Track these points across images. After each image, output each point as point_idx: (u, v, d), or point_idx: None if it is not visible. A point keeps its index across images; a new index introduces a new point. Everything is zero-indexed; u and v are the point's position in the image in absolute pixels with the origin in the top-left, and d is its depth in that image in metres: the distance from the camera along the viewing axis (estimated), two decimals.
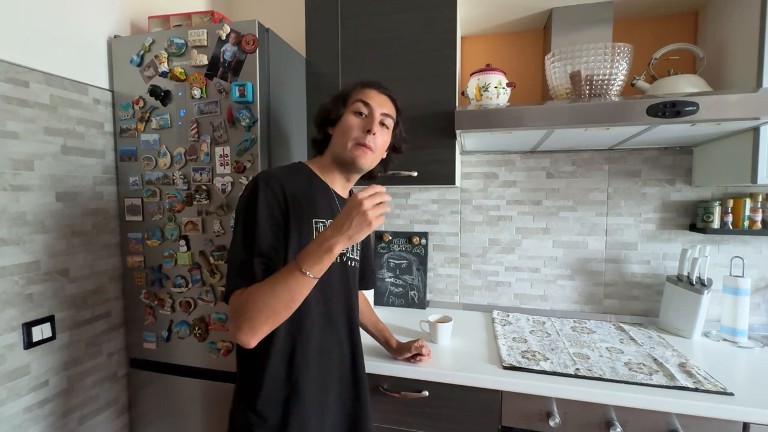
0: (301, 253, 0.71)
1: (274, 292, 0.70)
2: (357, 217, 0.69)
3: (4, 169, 1.05)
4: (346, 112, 0.87)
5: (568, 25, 1.33)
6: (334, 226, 0.71)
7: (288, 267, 0.72)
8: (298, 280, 0.70)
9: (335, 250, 0.70)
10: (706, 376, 1.01)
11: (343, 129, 0.87)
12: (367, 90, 0.89)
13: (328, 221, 0.84)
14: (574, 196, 1.51)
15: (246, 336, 0.71)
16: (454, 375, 1.06)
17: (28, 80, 1.10)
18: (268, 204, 0.76)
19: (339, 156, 0.88)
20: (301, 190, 0.82)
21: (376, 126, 0.85)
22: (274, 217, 0.77)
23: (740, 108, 0.94)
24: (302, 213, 0.80)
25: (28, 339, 1.10)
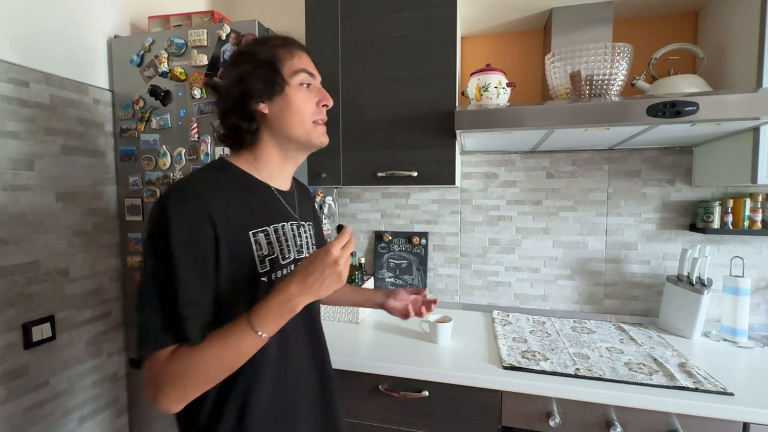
0: (257, 313, 0.59)
1: (219, 358, 0.58)
2: (331, 276, 0.61)
3: (4, 169, 1.05)
4: (289, 87, 0.72)
5: (568, 25, 1.33)
6: (301, 282, 0.60)
7: (238, 329, 0.59)
8: (251, 342, 0.59)
9: (299, 309, 0.61)
10: (706, 376, 1.01)
11: (293, 109, 0.72)
12: (301, 52, 0.75)
13: (271, 227, 0.71)
14: (574, 196, 1.51)
15: (174, 405, 0.59)
16: (454, 375, 1.06)
17: (28, 80, 1.10)
18: (186, 232, 0.59)
19: (292, 141, 0.74)
20: (229, 198, 0.66)
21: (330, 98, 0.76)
22: (196, 248, 0.60)
23: (740, 108, 0.94)
24: (234, 228, 0.65)
25: (28, 339, 1.10)
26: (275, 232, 0.72)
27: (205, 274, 0.61)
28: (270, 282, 0.68)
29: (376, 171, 1.32)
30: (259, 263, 0.67)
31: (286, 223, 0.76)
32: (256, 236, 0.68)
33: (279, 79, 0.71)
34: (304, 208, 0.85)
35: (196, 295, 0.60)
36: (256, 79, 0.70)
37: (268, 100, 0.71)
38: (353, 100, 1.34)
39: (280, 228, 0.74)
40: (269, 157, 0.75)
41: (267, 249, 0.69)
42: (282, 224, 0.75)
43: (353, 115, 1.35)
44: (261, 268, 0.67)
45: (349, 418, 1.15)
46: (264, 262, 0.68)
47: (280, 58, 0.72)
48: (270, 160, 0.75)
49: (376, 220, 1.71)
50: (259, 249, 0.68)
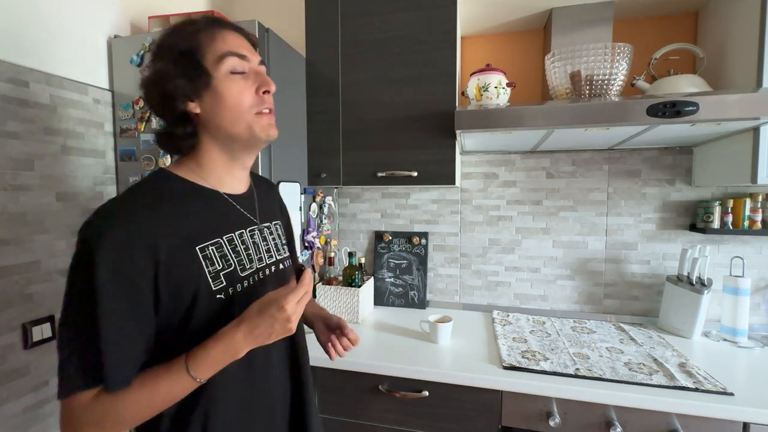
0: (196, 359, 0.55)
1: (149, 403, 0.54)
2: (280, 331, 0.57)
3: (4, 169, 1.05)
4: (215, 78, 0.61)
5: (568, 25, 1.33)
6: (247, 332, 0.56)
7: (173, 373, 0.55)
8: (186, 386, 0.56)
9: (242, 354, 0.57)
10: (706, 376, 1.01)
11: (226, 103, 0.62)
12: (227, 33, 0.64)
13: (224, 237, 0.64)
14: (574, 196, 1.51)
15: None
16: (454, 375, 1.06)
17: (28, 80, 1.10)
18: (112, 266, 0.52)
19: (234, 139, 0.64)
20: (170, 215, 0.59)
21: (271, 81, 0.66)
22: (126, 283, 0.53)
23: (740, 108, 0.94)
24: (178, 247, 0.58)
25: (28, 339, 1.09)
26: (230, 243, 0.65)
27: (138, 311, 0.55)
28: (232, 297, 0.63)
29: (376, 171, 1.32)
30: (212, 280, 0.60)
31: (244, 231, 0.68)
32: (205, 251, 0.61)
33: (201, 71, 0.60)
34: (267, 208, 0.77)
35: (121, 337, 0.53)
36: (174, 77, 0.59)
37: (196, 98, 0.61)
38: (353, 100, 1.34)
39: (236, 237, 0.66)
40: (213, 161, 0.66)
41: (221, 263, 0.62)
42: (239, 232, 0.67)
43: (353, 115, 1.35)
44: (215, 285, 0.61)
45: (349, 417, 1.15)
46: (218, 277, 0.61)
47: (200, 44, 0.61)
48: (215, 164, 0.66)
49: (376, 220, 1.71)
50: (211, 264, 0.61)
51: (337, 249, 1.65)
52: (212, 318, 0.60)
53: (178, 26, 0.63)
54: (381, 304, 1.66)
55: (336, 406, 1.16)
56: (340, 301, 1.44)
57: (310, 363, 0.81)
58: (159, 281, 0.56)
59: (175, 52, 0.60)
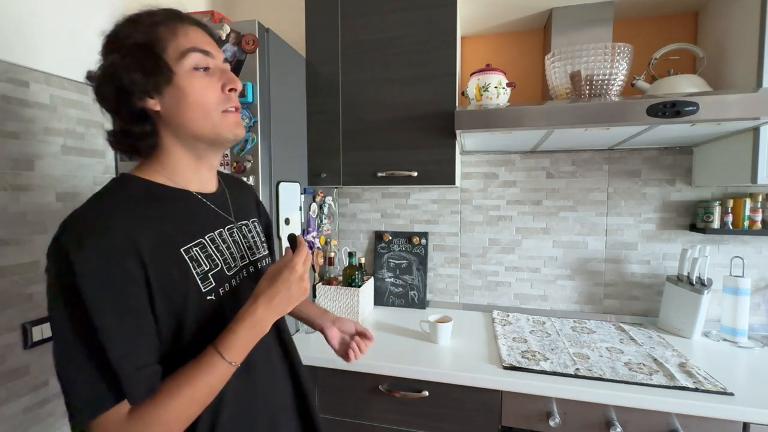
0: (226, 344, 0.55)
1: (192, 400, 0.53)
2: (297, 291, 0.58)
3: (4, 169, 1.05)
4: (177, 75, 0.57)
5: (568, 25, 1.33)
6: (267, 303, 0.57)
7: (208, 364, 0.54)
8: (224, 373, 0.55)
9: (268, 329, 0.58)
10: (706, 376, 1.01)
11: (189, 101, 0.58)
12: (189, 27, 0.60)
13: (206, 237, 0.62)
14: (574, 196, 1.51)
15: None
16: (454, 375, 1.06)
17: (28, 80, 1.10)
18: (98, 275, 0.49)
19: (199, 138, 0.61)
20: (146, 218, 0.56)
21: (237, 79, 0.63)
22: (117, 289, 0.50)
23: (740, 108, 0.94)
24: (163, 250, 0.55)
25: (27, 339, 1.09)
26: (212, 243, 0.63)
27: (137, 316, 0.52)
28: (222, 297, 0.61)
29: (376, 171, 1.32)
30: (201, 282, 0.58)
31: (223, 229, 0.66)
32: (190, 252, 0.58)
33: (162, 67, 0.56)
34: (241, 206, 0.75)
35: (130, 345, 0.51)
36: (131, 72, 0.55)
37: (156, 95, 0.57)
38: (353, 100, 1.34)
39: (217, 236, 0.64)
40: (178, 161, 0.62)
41: (207, 263, 0.60)
42: (218, 231, 0.65)
43: (353, 115, 1.35)
44: (205, 287, 0.59)
45: (349, 418, 1.15)
46: (207, 278, 0.59)
47: (160, 38, 0.57)
48: (180, 164, 0.63)
49: (376, 220, 1.71)
50: (198, 266, 0.58)
51: (337, 249, 1.65)
52: (205, 320, 0.58)
53: (134, 17, 0.59)
54: (381, 304, 1.66)
55: (336, 406, 1.16)
56: (340, 301, 1.44)
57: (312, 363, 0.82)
58: (151, 285, 0.53)
59: (131, 44, 0.56)
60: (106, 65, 0.58)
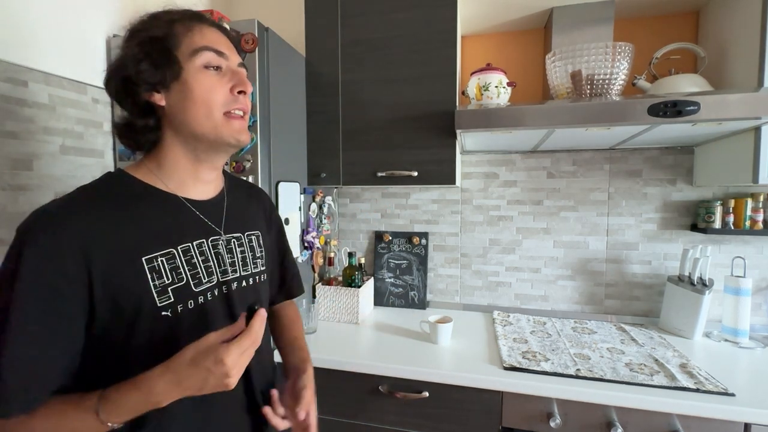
0: (108, 403, 0.48)
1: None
2: (215, 381, 0.48)
3: (3, 168, 1.04)
4: (186, 70, 0.57)
5: (568, 24, 1.32)
6: (174, 381, 0.48)
7: (81, 411, 0.48)
8: (94, 428, 0.49)
9: (164, 404, 0.49)
10: (708, 376, 1.00)
11: (194, 97, 0.57)
12: (204, 26, 0.61)
13: (178, 248, 0.58)
14: (575, 196, 1.50)
15: None
16: (455, 375, 1.06)
17: (27, 80, 1.09)
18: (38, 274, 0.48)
19: (199, 138, 0.59)
20: (115, 220, 0.54)
21: (247, 82, 0.61)
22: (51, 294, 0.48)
23: (741, 107, 0.94)
24: (120, 256, 0.53)
25: None
26: (185, 254, 0.59)
27: (59, 325, 0.49)
28: (176, 316, 0.56)
29: (376, 171, 1.32)
30: (157, 295, 0.55)
31: (204, 241, 0.62)
32: (153, 262, 0.55)
33: (171, 61, 0.56)
34: (240, 218, 0.71)
35: (33, 355, 0.47)
36: (141, 62, 0.55)
37: (163, 89, 0.57)
38: (353, 100, 1.34)
39: (194, 247, 0.60)
40: (176, 161, 0.61)
41: (170, 276, 0.56)
42: (198, 242, 0.61)
43: (353, 115, 1.34)
44: (161, 301, 0.55)
45: (348, 418, 1.15)
46: (165, 292, 0.55)
47: (175, 34, 0.57)
48: (177, 164, 0.61)
49: (376, 220, 1.71)
50: (158, 277, 0.55)
51: (337, 249, 1.64)
52: (157, 336, 0.55)
53: (155, 13, 0.60)
54: (381, 304, 1.66)
55: (335, 407, 1.16)
56: (340, 302, 1.44)
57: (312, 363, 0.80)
58: (94, 291, 0.51)
59: (144, 37, 0.57)
60: (121, 56, 0.57)
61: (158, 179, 0.61)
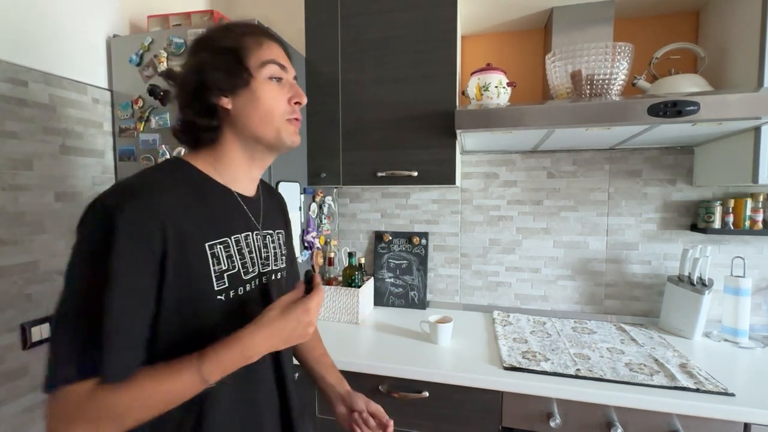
0: (210, 360, 0.52)
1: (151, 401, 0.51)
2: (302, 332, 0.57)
3: (3, 168, 1.04)
4: (255, 80, 0.63)
5: (568, 24, 1.32)
6: (269, 334, 0.55)
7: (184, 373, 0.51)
8: (194, 388, 0.52)
9: (257, 359, 0.55)
10: (707, 376, 1.00)
11: (259, 105, 0.63)
12: (270, 42, 0.67)
13: (232, 238, 0.63)
14: (575, 196, 1.50)
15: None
16: (455, 375, 1.06)
17: (27, 80, 1.09)
18: (130, 247, 0.50)
19: (259, 141, 0.65)
20: (184, 205, 0.58)
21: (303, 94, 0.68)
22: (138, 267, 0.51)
23: (741, 108, 0.94)
24: (189, 239, 0.56)
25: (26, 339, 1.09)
26: (236, 244, 0.64)
27: (144, 299, 0.52)
28: (232, 300, 0.61)
29: (376, 171, 1.32)
30: (215, 279, 0.59)
31: (250, 233, 0.67)
32: (214, 249, 0.59)
33: (243, 71, 0.62)
34: (271, 217, 0.76)
35: (127, 324, 0.50)
36: (216, 70, 0.61)
37: (231, 94, 0.62)
38: (353, 100, 1.34)
39: (243, 239, 0.65)
40: (232, 158, 0.66)
41: (226, 263, 0.61)
42: (245, 234, 0.66)
43: (353, 115, 1.34)
44: (218, 285, 0.59)
45: None
46: (222, 278, 0.60)
47: (246, 46, 0.63)
48: (233, 161, 0.66)
49: (376, 220, 1.71)
50: (217, 263, 0.59)
51: (337, 249, 1.64)
52: (207, 319, 0.57)
53: (227, 25, 0.66)
54: (381, 304, 1.66)
55: None
56: (340, 302, 1.44)
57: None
58: (166, 269, 0.53)
59: (219, 47, 0.62)
60: (194, 61, 0.62)
61: (215, 171, 0.65)
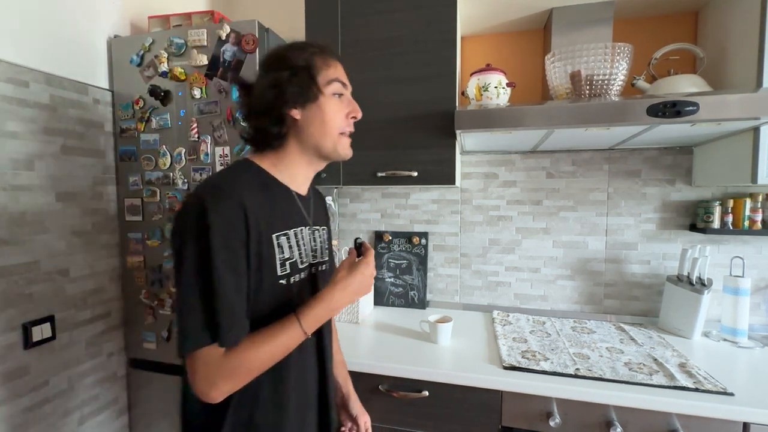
0: (307, 317, 0.66)
1: (271, 355, 0.64)
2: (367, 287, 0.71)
3: (4, 169, 1.05)
4: (323, 95, 0.72)
5: (568, 24, 1.32)
6: (344, 287, 0.69)
7: (289, 329, 0.64)
8: (298, 338, 0.66)
9: (339, 312, 0.72)
10: (707, 376, 1.01)
11: (324, 118, 0.72)
12: (335, 62, 0.75)
13: (292, 231, 0.73)
14: (575, 196, 1.51)
15: (223, 396, 0.62)
16: (454, 375, 1.06)
17: (28, 80, 1.10)
18: (225, 234, 0.61)
19: (317, 149, 0.74)
20: (257, 199, 0.67)
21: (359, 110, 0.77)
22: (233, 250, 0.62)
23: (740, 108, 0.94)
24: (261, 229, 0.66)
25: (28, 339, 1.10)
26: (295, 236, 0.73)
27: (241, 275, 0.63)
28: (290, 284, 0.70)
29: (376, 171, 1.32)
30: (279, 266, 0.69)
31: (304, 228, 0.77)
32: (279, 239, 0.69)
33: (314, 87, 0.71)
34: (318, 215, 0.85)
35: (234, 297, 0.62)
36: (292, 85, 0.70)
37: (300, 107, 0.71)
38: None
39: (299, 232, 0.75)
40: (293, 161, 0.75)
41: (288, 252, 0.71)
42: (300, 228, 0.75)
43: None
44: (281, 271, 0.69)
45: None
46: (284, 265, 0.70)
47: (317, 66, 0.72)
48: (293, 164, 0.75)
49: (376, 220, 1.71)
50: (281, 252, 0.69)
51: (337, 249, 1.65)
52: (271, 299, 0.68)
53: (297, 45, 0.75)
54: (381, 304, 1.66)
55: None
56: None
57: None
58: (249, 253, 0.64)
59: (294, 65, 0.70)
60: (274, 76, 0.70)
61: (278, 171, 0.74)
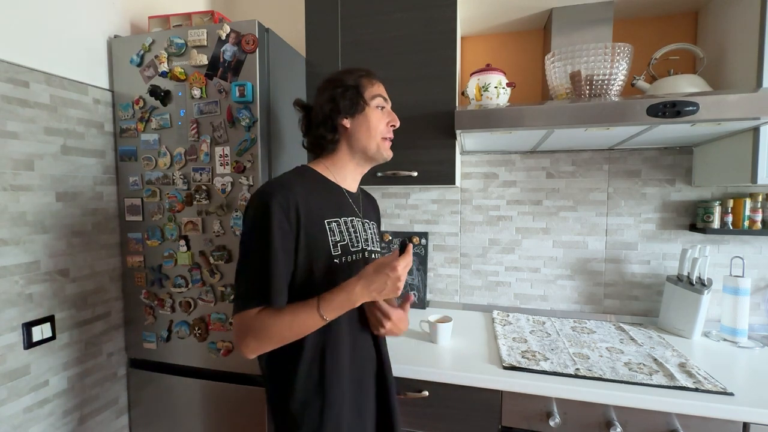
0: (326, 301, 0.75)
1: (290, 327, 0.75)
2: (391, 286, 0.75)
3: (5, 169, 1.05)
4: (369, 107, 0.89)
5: (568, 25, 1.33)
6: (365, 286, 0.75)
7: (309, 310, 0.75)
8: (316, 322, 0.76)
9: (357, 305, 0.77)
10: (706, 376, 1.01)
11: (369, 125, 0.89)
12: (378, 82, 0.93)
13: (342, 219, 0.87)
14: (574, 196, 1.51)
15: (251, 354, 0.76)
16: (454, 375, 1.06)
17: (28, 80, 1.10)
18: (280, 221, 0.76)
19: (364, 152, 0.90)
20: (310, 194, 0.83)
21: (397, 119, 0.93)
22: (286, 234, 0.77)
23: (740, 108, 0.94)
24: (314, 217, 0.81)
25: (28, 339, 1.10)
26: (345, 224, 0.87)
27: (289, 255, 0.78)
28: (343, 264, 0.83)
29: (376, 171, 1.32)
30: (332, 247, 0.82)
31: (354, 218, 0.91)
32: (330, 225, 0.84)
33: (362, 101, 0.88)
34: (368, 210, 1.00)
35: (282, 271, 0.76)
36: (344, 99, 0.87)
37: (350, 117, 0.88)
38: None
39: (349, 221, 0.89)
40: (343, 163, 0.92)
41: (339, 236, 0.84)
42: (351, 218, 0.90)
43: None
44: (334, 251, 0.83)
45: None
46: (337, 246, 0.83)
47: (363, 84, 0.89)
48: (344, 166, 0.92)
49: None
50: (333, 235, 0.83)
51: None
52: (327, 275, 0.80)
53: (347, 70, 0.92)
54: None
55: None
56: None
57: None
58: (300, 236, 0.78)
59: (346, 84, 0.88)
60: (330, 93, 0.88)
61: (330, 173, 0.91)
